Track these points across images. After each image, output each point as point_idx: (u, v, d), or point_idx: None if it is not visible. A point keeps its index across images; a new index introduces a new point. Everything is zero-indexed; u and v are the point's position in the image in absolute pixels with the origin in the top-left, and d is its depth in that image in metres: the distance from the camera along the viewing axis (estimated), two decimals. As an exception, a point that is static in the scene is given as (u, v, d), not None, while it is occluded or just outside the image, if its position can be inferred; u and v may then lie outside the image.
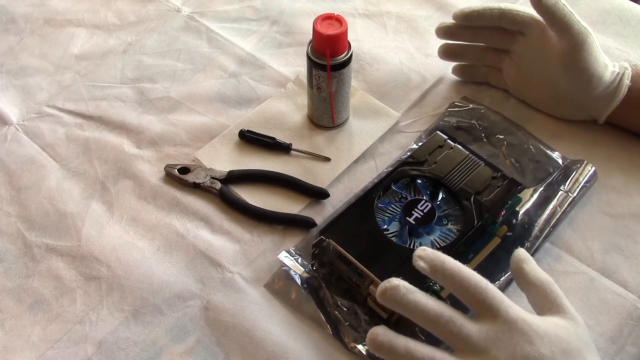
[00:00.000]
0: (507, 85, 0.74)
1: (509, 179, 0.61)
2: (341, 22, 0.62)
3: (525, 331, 0.44)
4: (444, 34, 0.73)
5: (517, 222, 0.62)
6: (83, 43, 0.83)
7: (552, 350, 0.44)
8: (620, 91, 0.66)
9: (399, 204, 0.61)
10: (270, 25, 0.84)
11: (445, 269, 0.46)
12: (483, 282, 0.46)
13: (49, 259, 0.62)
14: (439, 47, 0.75)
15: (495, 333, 0.44)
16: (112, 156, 0.70)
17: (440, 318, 0.44)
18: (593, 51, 0.64)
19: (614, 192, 0.66)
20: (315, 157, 0.70)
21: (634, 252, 0.62)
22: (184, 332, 0.57)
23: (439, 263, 0.46)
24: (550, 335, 0.45)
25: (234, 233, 0.64)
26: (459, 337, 0.44)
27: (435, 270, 0.46)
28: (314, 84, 0.67)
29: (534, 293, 0.49)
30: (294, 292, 0.59)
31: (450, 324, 0.44)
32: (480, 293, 0.45)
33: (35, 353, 0.56)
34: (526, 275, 0.49)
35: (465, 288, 0.45)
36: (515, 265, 0.50)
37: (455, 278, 0.45)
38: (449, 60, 0.76)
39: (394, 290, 0.45)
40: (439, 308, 0.45)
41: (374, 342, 0.45)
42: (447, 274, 0.46)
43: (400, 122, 0.73)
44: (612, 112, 0.67)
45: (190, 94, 0.76)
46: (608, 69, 0.65)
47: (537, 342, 0.44)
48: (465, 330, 0.44)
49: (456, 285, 0.46)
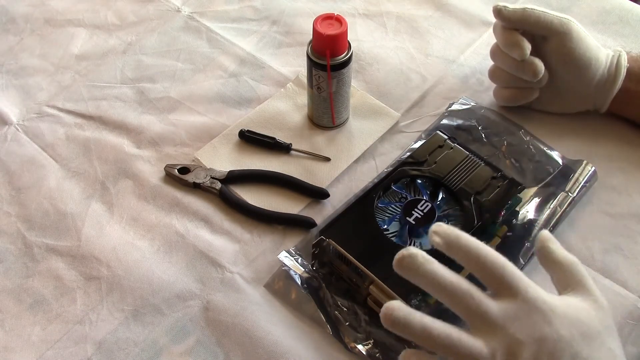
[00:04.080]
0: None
1: (509, 179, 0.61)
2: (341, 22, 0.62)
3: (545, 311, 0.43)
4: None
5: (517, 222, 0.62)
6: (83, 43, 0.83)
7: (572, 332, 0.42)
8: (620, 73, 0.66)
9: (399, 204, 0.61)
10: (270, 25, 0.84)
11: (462, 244, 0.44)
12: (501, 259, 0.44)
13: (49, 259, 0.62)
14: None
15: (514, 311, 0.43)
16: (112, 156, 0.70)
17: (458, 290, 0.43)
18: (582, 36, 0.65)
19: (614, 192, 0.66)
20: (315, 157, 0.70)
21: (634, 252, 0.62)
22: (184, 332, 0.57)
23: (454, 237, 0.44)
24: (571, 317, 0.43)
25: (234, 233, 0.64)
26: (477, 312, 0.43)
27: (451, 245, 0.44)
28: (314, 84, 0.67)
29: (559, 271, 0.47)
30: (294, 292, 0.59)
31: (469, 297, 0.43)
32: (499, 269, 0.44)
33: (35, 353, 0.56)
34: (552, 253, 0.47)
35: (482, 264, 0.44)
36: (541, 244, 0.48)
37: (472, 254, 0.44)
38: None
39: (411, 258, 0.43)
40: (457, 281, 0.43)
41: (389, 317, 0.42)
42: (464, 250, 0.44)
43: (400, 122, 0.73)
44: (613, 99, 0.67)
45: (190, 94, 0.76)
46: (601, 50, 0.67)
47: (556, 323, 0.42)
48: (484, 305, 0.43)
49: (473, 261, 0.44)
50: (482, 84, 0.76)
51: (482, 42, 0.81)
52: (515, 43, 0.65)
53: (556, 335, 0.42)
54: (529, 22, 0.65)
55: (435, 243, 0.44)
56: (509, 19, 0.65)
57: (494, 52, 0.69)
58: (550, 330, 0.42)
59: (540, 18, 0.64)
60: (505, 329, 0.42)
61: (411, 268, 0.43)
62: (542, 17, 0.64)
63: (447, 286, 0.43)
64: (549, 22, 0.64)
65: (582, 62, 0.66)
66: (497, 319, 0.42)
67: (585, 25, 0.67)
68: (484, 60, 0.77)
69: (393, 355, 0.54)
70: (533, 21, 0.64)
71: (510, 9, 0.65)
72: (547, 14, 0.64)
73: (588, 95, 0.69)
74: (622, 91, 0.67)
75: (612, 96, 0.68)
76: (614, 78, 0.67)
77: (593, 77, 0.67)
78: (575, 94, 0.69)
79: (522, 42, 0.64)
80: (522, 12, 0.64)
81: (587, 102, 0.70)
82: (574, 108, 0.71)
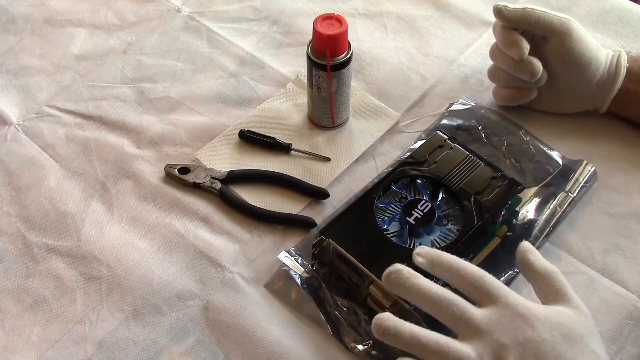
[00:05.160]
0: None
1: (509, 179, 0.61)
2: (341, 22, 0.62)
3: (526, 315, 0.45)
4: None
5: (517, 222, 0.62)
6: (83, 43, 0.83)
7: (554, 335, 0.44)
8: (620, 72, 0.66)
9: (399, 204, 0.61)
10: (270, 25, 0.84)
11: (443, 261, 0.47)
12: (480, 271, 0.47)
13: (49, 259, 0.62)
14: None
15: (496, 317, 0.45)
16: (112, 156, 0.70)
17: (443, 301, 0.45)
18: (582, 36, 0.65)
19: (614, 192, 0.66)
20: (315, 157, 0.70)
21: (634, 252, 0.62)
22: (184, 332, 0.57)
23: (436, 257, 0.48)
24: (552, 321, 0.45)
25: (234, 233, 0.64)
26: (462, 320, 0.44)
27: (434, 264, 0.47)
28: (314, 84, 0.67)
29: (540, 282, 0.49)
30: (294, 292, 0.59)
31: (453, 306, 0.45)
32: (478, 281, 0.46)
33: (35, 353, 0.56)
34: (531, 264, 0.49)
35: (463, 278, 0.46)
36: (521, 256, 0.50)
37: (453, 269, 0.47)
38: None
39: (397, 273, 0.46)
40: (442, 291, 0.45)
41: (379, 327, 0.44)
42: (445, 267, 0.47)
43: (400, 122, 0.73)
44: (613, 99, 0.68)
45: (190, 94, 0.76)
46: (601, 49, 0.67)
47: (538, 326, 0.44)
48: (468, 313, 0.45)
49: (454, 276, 0.47)
50: (482, 84, 0.76)
51: (482, 42, 0.81)
52: (513, 42, 0.65)
53: (539, 337, 0.43)
54: (529, 22, 0.65)
55: (419, 263, 0.48)
56: (509, 19, 0.65)
57: (493, 52, 0.69)
58: (533, 333, 0.44)
59: (540, 18, 0.64)
60: (490, 334, 0.44)
61: (398, 283, 0.46)
62: (542, 17, 0.64)
63: (433, 297, 0.45)
64: (549, 22, 0.64)
65: (581, 62, 0.66)
66: (481, 324, 0.44)
67: (585, 25, 0.67)
68: (484, 60, 0.77)
69: (393, 355, 0.54)
70: (533, 21, 0.64)
71: (510, 9, 0.65)
72: (547, 14, 0.64)
73: (588, 95, 0.69)
74: (621, 91, 0.67)
75: (611, 96, 0.68)
76: (613, 78, 0.67)
77: (593, 77, 0.67)
78: (574, 94, 0.69)
79: (521, 42, 0.64)
80: (522, 12, 0.64)
81: (586, 102, 0.70)
82: (573, 108, 0.71)
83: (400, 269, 0.46)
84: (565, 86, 0.68)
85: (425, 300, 0.46)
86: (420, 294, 0.46)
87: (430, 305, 0.45)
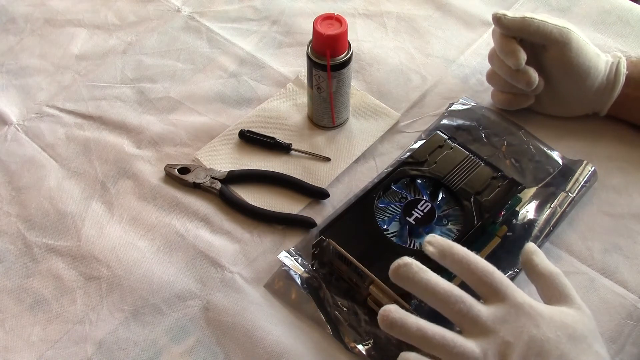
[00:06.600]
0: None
1: (509, 179, 0.61)
2: (341, 22, 0.62)
3: (532, 315, 0.45)
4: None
5: (517, 222, 0.62)
6: (83, 43, 0.83)
7: (558, 334, 0.44)
8: (619, 79, 0.66)
9: (399, 204, 0.61)
10: (270, 25, 0.84)
11: (454, 253, 0.47)
12: (490, 267, 0.47)
13: (49, 259, 0.62)
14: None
15: (502, 315, 0.45)
16: (112, 156, 0.70)
17: (450, 297, 0.45)
18: (581, 44, 0.65)
19: (614, 192, 0.66)
20: (315, 157, 0.70)
21: (634, 252, 0.62)
22: (184, 332, 0.57)
23: (447, 247, 0.47)
24: (556, 321, 0.45)
25: (234, 233, 0.64)
26: (468, 317, 0.45)
27: (444, 254, 0.47)
28: (314, 84, 0.67)
29: (543, 284, 0.49)
30: (294, 292, 0.59)
31: (460, 303, 0.45)
32: (487, 276, 0.46)
33: (35, 353, 0.56)
34: (535, 266, 0.49)
35: (472, 272, 0.46)
36: (526, 257, 0.50)
37: (463, 262, 0.47)
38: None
39: (406, 267, 0.46)
40: (449, 287, 0.45)
41: (386, 318, 0.44)
42: (456, 258, 0.47)
43: (400, 122, 0.73)
44: (612, 103, 0.68)
45: (190, 94, 0.76)
46: (600, 57, 0.67)
47: (543, 325, 0.44)
48: (475, 310, 0.45)
49: (464, 269, 0.47)
50: (482, 84, 0.76)
51: (482, 43, 0.81)
52: (511, 51, 0.65)
53: (543, 336, 0.44)
54: (528, 32, 0.64)
55: (430, 252, 0.47)
56: (508, 28, 0.65)
57: (492, 57, 0.69)
58: (537, 332, 0.44)
59: (540, 28, 0.64)
60: (495, 331, 0.44)
61: (406, 276, 0.46)
62: (541, 26, 0.64)
63: (440, 292, 0.45)
64: (549, 32, 0.64)
65: (581, 71, 0.66)
66: (487, 322, 0.45)
67: (585, 25, 0.67)
68: (484, 61, 0.77)
69: (393, 356, 0.54)
70: (532, 30, 0.64)
71: (509, 17, 0.64)
72: (546, 24, 0.64)
73: (587, 101, 0.69)
74: (621, 96, 0.67)
75: (611, 102, 0.68)
76: (612, 85, 0.67)
77: (592, 85, 0.67)
78: (574, 100, 0.69)
79: (518, 52, 0.64)
80: (521, 21, 0.64)
81: (586, 107, 0.70)
82: (573, 112, 0.71)
83: (409, 262, 0.46)
84: (564, 93, 0.68)
85: (432, 296, 0.45)
86: (429, 289, 0.45)
87: (437, 300, 0.45)
